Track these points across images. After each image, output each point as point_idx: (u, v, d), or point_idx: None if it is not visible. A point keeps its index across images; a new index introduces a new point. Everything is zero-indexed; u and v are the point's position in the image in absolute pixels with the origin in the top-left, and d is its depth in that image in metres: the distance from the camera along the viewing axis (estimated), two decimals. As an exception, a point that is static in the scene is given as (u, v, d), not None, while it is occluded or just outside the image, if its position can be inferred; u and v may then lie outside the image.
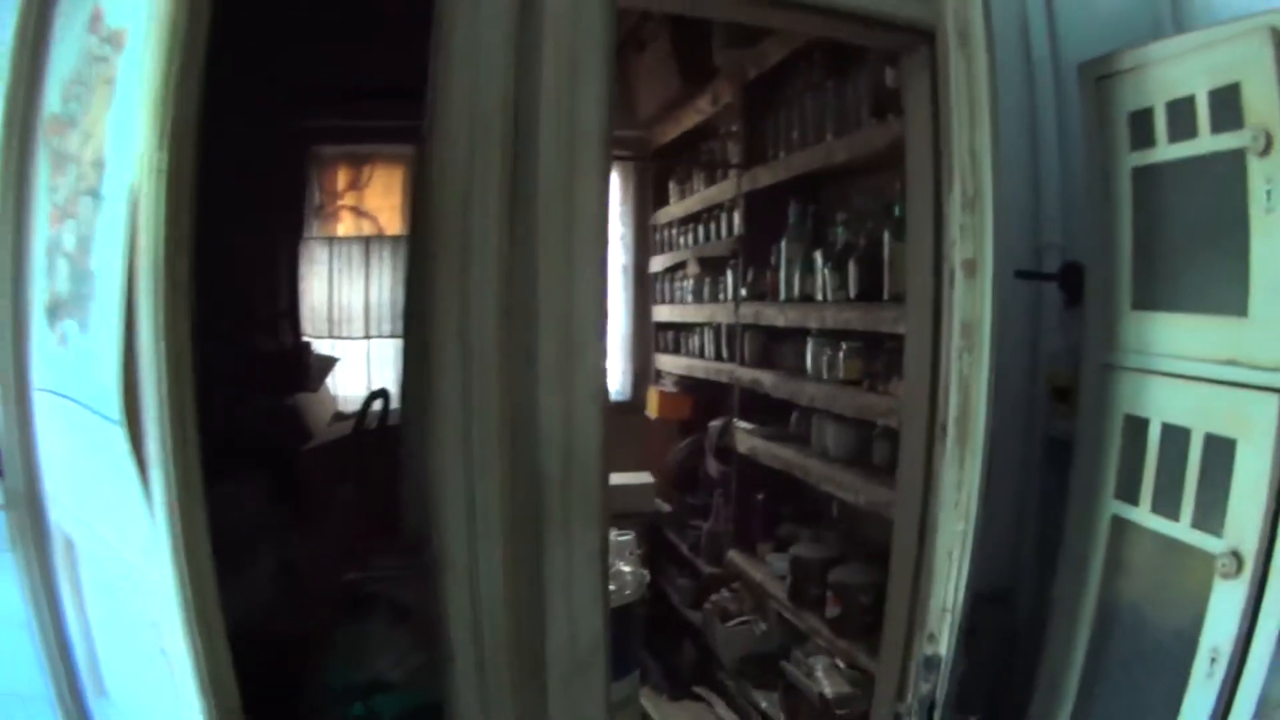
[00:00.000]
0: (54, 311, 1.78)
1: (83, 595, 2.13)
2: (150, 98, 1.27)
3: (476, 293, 1.47)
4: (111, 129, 1.45)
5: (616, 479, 4.10)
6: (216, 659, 1.36)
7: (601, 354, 1.56)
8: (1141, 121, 1.47)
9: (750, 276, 3.62)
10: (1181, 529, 1.45)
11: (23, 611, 2.33)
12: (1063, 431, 1.94)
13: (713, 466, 4.04)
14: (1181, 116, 1.38)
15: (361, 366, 3.91)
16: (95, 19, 1.64)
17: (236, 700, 1.42)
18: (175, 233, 1.24)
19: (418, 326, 2.05)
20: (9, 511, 2.24)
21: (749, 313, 3.62)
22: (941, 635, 1.65)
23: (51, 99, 1.89)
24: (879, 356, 2.74)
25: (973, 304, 1.57)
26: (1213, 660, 1.42)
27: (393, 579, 2.50)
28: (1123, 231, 1.53)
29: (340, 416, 3.45)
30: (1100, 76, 1.54)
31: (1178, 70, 1.38)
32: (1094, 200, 1.59)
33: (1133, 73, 1.46)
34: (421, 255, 1.70)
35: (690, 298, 4.33)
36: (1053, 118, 2.06)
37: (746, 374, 3.67)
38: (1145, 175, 1.48)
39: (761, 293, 3.53)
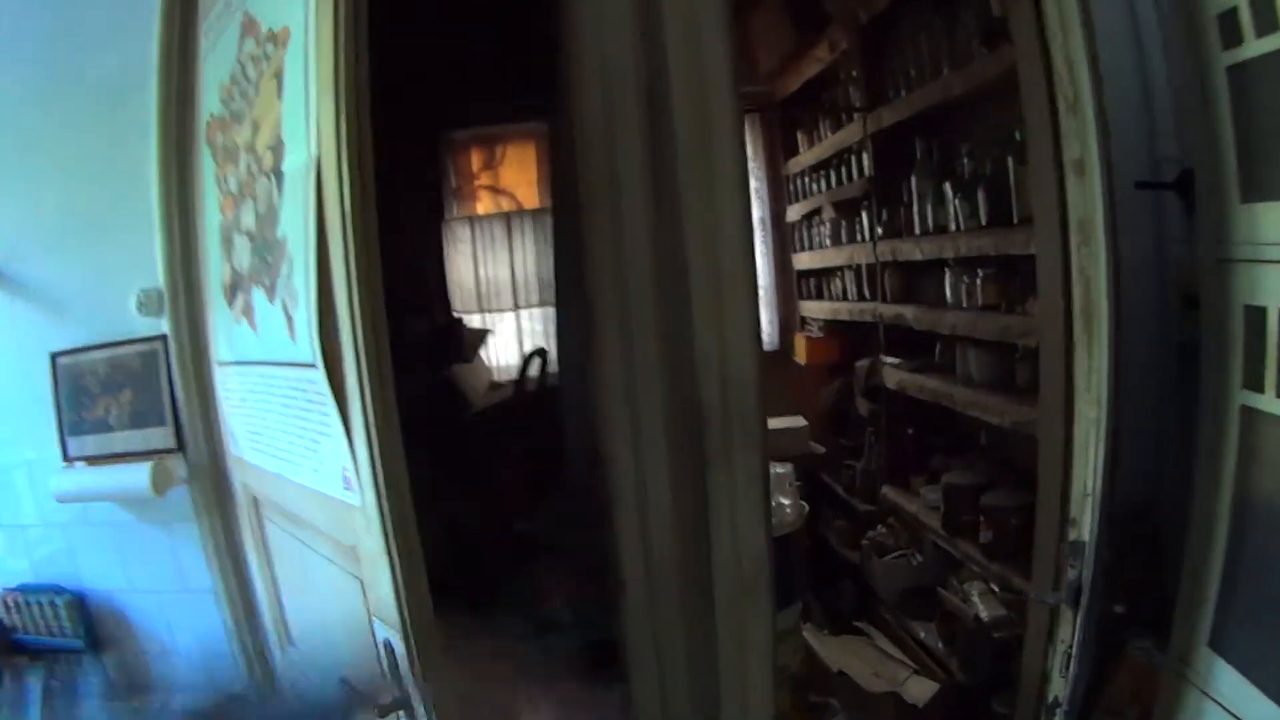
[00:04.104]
0: (234, 288, 1.92)
1: (270, 550, 2.25)
2: (325, 74, 1.39)
3: (629, 244, 1.54)
4: (287, 113, 1.59)
5: (769, 424, 4.23)
6: (414, 564, 1.46)
7: (752, 290, 1.60)
8: (1229, 21, 1.48)
9: (884, 215, 3.65)
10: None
11: (208, 578, 2.43)
12: (1195, 337, 1.92)
13: (862, 405, 4.07)
14: (1264, 10, 1.40)
15: (513, 337, 4.08)
16: (249, 25, 1.78)
17: (430, 611, 1.50)
18: (362, 187, 1.37)
19: (573, 283, 2.08)
20: (192, 484, 2.37)
21: (886, 250, 3.65)
22: (1083, 520, 1.68)
23: (210, 103, 2.03)
24: (1014, 279, 2.76)
25: (1084, 201, 1.62)
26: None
27: (559, 525, 2.64)
28: (1224, 130, 1.53)
29: (496, 386, 3.63)
30: (1187, -18, 1.56)
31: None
32: (1193, 104, 1.60)
33: (1219, -28, 1.48)
34: (571, 220, 1.75)
35: (828, 242, 4.36)
36: (1157, 35, 2.04)
37: (889, 310, 3.70)
38: (1239, 72, 1.49)
39: (897, 229, 3.55)
